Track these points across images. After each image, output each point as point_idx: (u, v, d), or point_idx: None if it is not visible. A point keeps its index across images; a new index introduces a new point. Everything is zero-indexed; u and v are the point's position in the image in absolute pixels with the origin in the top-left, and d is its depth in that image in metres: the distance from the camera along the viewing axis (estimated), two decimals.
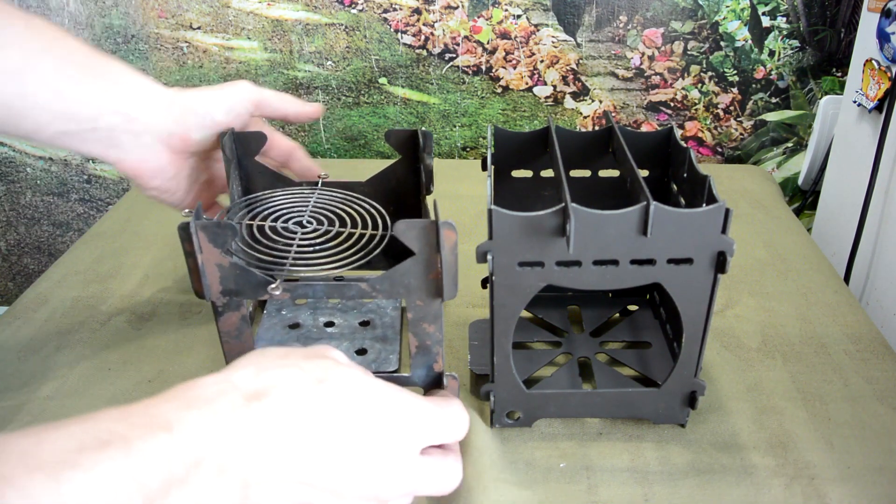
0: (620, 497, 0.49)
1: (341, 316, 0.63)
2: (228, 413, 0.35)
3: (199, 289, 0.48)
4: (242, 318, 0.50)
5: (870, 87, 0.87)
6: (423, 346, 0.51)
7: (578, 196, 0.48)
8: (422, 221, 0.45)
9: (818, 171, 1.08)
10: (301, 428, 0.36)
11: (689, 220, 0.45)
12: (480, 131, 1.13)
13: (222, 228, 0.45)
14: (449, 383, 0.53)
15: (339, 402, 0.39)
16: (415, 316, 0.49)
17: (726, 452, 0.53)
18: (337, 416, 0.38)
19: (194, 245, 0.45)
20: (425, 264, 0.47)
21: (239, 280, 0.48)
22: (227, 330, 0.50)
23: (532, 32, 1.05)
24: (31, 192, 1.22)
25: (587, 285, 0.48)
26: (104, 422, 0.32)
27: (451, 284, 0.48)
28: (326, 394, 0.38)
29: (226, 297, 0.49)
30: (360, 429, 0.38)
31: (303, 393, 0.38)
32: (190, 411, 0.34)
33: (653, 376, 0.58)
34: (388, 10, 1.05)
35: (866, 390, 0.59)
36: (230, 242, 0.47)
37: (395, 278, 0.47)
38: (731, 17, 1.02)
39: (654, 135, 0.60)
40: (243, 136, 0.60)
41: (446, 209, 0.48)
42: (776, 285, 0.74)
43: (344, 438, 0.38)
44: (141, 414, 0.33)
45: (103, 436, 0.31)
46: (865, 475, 0.51)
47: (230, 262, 0.47)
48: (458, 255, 0.47)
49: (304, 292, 0.48)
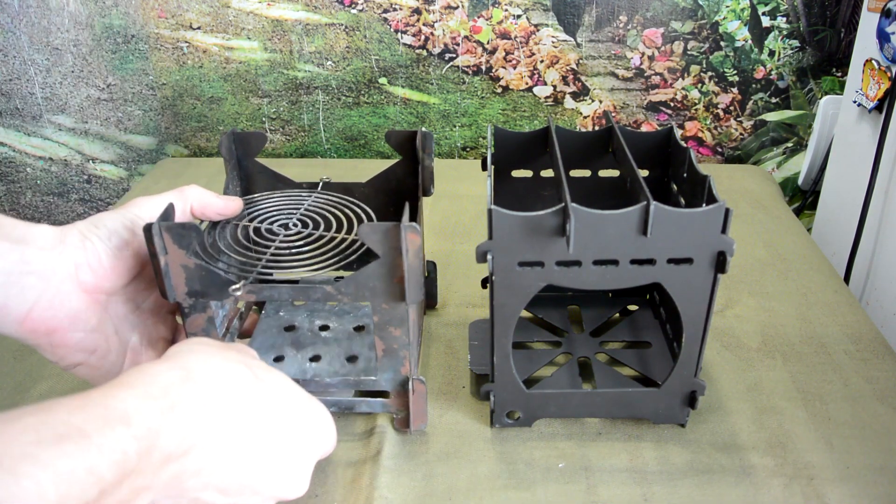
0: (619, 497, 0.49)
1: (337, 320, 0.63)
2: (185, 404, 0.36)
3: (164, 290, 0.47)
4: (209, 319, 0.50)
5: (870, 87, 0.87)
6: (389, 350, 0.51)
7: (578, 196, 0.48)
8: (385, 224, 0.45)
9: (818, 171, 1.08)
10: (245, 421, 0.39)
11: (689, 220, 0.45)
12: (480, 131, 1.13)
13: (187, 230, 0.45)
14: (416, 387, 0.53)
15: (274, 399, 0.42)
16: (380, 319, 0.50)
17: (726, 452, 0.53)
18: (271, 412, 0.41)
19: (157, 247, 0.45)
20: (389, 267, 0.47)
21: (204, 281, 0.47)
22: (193, 331, 0.50)
23: (532, 32, 1.05)
24: (31, 192, 1.22)
25: (587, 285, 0.48)
26: (61, 413, 0.31)
27: (414, 288, 0.48)
28: (266, 390, 0.42)
29: (192, 299, 0.48)
30: (287, 425, 0.42)
31: (249, 387, 0.41)
32: (147, 402, 0.34)
33: (653, 376, 0.58)
34: (388, 10, 1.05)
35: (866, 390, 0.59)
36: (195, 244, 0.46)
37: (359, 281, 0.47)
38: (731, 17, 1.02)
39: (654, 135, 0.60)
40: (243, 136, 0.60)
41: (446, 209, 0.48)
42: (776, 285, 0.74)
43: (276, 434, 0.41)
44: (98, 404, 0.33)
45: (60, 429, 0.30)
46: (865, 475, 0.51)
47: (195, 264, 0.47)
48: (422, 259, 0.47)
49: (269, 294, 0.48)
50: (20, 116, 1.15)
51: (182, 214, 0.51)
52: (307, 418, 0.44)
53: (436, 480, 0.51)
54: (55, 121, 1.15)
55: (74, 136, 1.17)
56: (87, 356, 0.47)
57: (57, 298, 0.44)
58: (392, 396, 0.54)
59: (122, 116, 1.14)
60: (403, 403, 0.54)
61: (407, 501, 0.49)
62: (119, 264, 0.47)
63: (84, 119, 1.15)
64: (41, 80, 1.12)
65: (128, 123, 1.15)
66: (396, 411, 0.55)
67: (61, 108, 1.14)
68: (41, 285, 0.43)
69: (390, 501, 0.49)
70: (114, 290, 0.47)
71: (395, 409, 0.55)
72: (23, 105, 1.14)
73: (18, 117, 1.15)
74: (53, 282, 0.44)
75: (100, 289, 0.46)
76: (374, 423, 0.56)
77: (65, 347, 0.46)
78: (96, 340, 0.47)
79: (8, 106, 1.14)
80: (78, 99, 1.13)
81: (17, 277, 0.43)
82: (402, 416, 0.55)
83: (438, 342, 0.65)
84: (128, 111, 1.14)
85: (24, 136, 1.17)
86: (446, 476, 0.51)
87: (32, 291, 0.43)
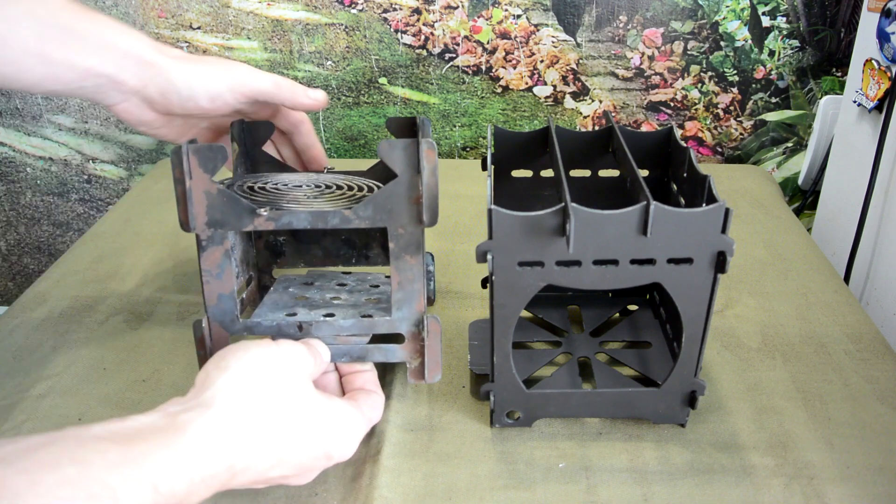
0: (619, 497, 0.49)
1: (348, 295, 0.62)
2: (215, 456, 0.39)
3: (184, 219, 0.48)
4: (225, 252, 0.50)
5: (870, 86, 0.87)
6: (405, 282, 0.51)
7: (578, 196, 0.48)
8: (404, 140, 0.45)
9: (818, 171, 1.08)
10: (279, 429, 0.43)
11: (689, 220, 0.45)
12: (480, 131, 1.13)
13: (213, 151, 0.45)
14: (431, 327, 0.52)
15: (307, 405, 0.45)
16: (397, 246, 0.49)
17: (726, 452, 0.53)
18: (303, 418, 0.45)
19: (184, 170, 0.45)
20: (407, 185, 0.47)
21: (225, 209, 0.48)
22: (208, 268, 0.50)
23: (532, 32, 1.05)
24: (31, 192, 1.22)
25: (587, 285, 0.48)
26: (99, 468, 0.33)
27: (431, 209, 0.48)
28: (298, 400, 0.45)
29: (210, 229, 0.49)
30: (316, 427, 0.45)
31: (280, 404, 0.44)
32: (181, 470, 0.37)
33: (653, 376, 0.58)
34: (388, 10, 1.05)
35: (866, 390, 0.59)
36: (220, 166, 0.47)
37: (378, 202, 0.48)
38: (731, 17, 1.02)
39: (654, 135, 0.60)
40: (251, 126, 0.60)
41: (446, 209, 0.48)
42: (776, 285, 0.74)
43: (305, 431, 0.44)
44: (136, 466, 0.34)
45: (95, 488, 0.32)
46: (865, 475, 0.51)
47: (218, 189, 0.47)
48: (438, 178, 0.47)
49: (289, 221, 0.48)
50: (20, 116, 1.15)
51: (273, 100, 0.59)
52: (336, 420, 0.47)
53: (436, 480, 0.51)
54: (55, 121, 1.15)
55: (74, 136, 1.17)
56: (151, 131, 0.59)
57: (134, 108, 0.56)
58: (407, 340, 0.53)
59: None
60: (419, 348, 0.53)
61: (407, 501, 0.49)
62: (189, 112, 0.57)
63: (84, 119, 1.15)
64: None
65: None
66: (411, 358, 0.54)
67: (61, 107, 1.14)
68: (123, 97, 0.55)
69: (390, 501, 0.49)
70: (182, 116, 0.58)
71: (410, 356, 0.54)
72: (23, 105, 1.14)
73: (18, 117, 1.15)
74: (134, 101, 0.56)
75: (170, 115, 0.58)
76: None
77: (134, 127, 0.58)
78: (162, 131, 0.59)
79: (8, 106, 1.14)
80: (78, 99, 1.13)
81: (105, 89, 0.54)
82: (417, 364, 0.54)
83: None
84: None
85: (24, 136, 1.17)
86: (446, 476, 0.51)
87: (117, 99, 0.55)
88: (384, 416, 0.56)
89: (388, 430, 0.55)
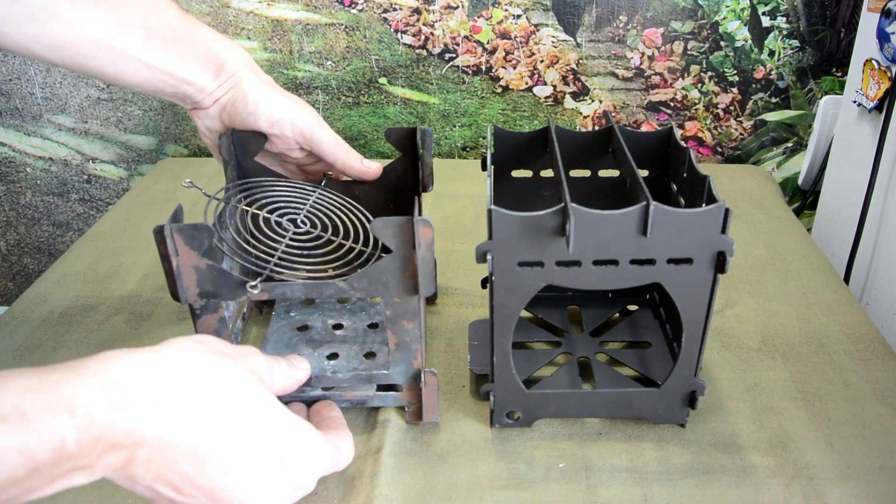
0: (619, 497, 0.49)
1: (350, 318, 0.63)
2: (138, 399, 0.36)
3: (175, 292, 0.47)
4: (220, 320, 0.50)
5: (870, 87, 0.87)
6: (401, 344, 0.51)
7: (578, 196, 0.48)
8: (398, 219, 0.45)
9: (818, 171, 1.08)
10: (208, 428, 0.38)
11: (689, 220, 0.45)
12: (480, 131, 1.13)
13: (199, 231, 0.45)
14: (428, 380, 0.53)
15: (253, 414, 0.41)
16: (393, 313, 0.50)
17: (726, 452, 0.53)
18: (244, 426, 0.40)
19: (169, 248, 0.45)
20: (402, 261, 0.47)
21: (216, 282, 0.47)
22: (204, 332, 0.50)
23: (532, 32, 1.05)
24: (31, 192, 1.22)
25: (587, 285, 0.48)
26: (11, 392, 0.32)
27: (427, 281, 0.48)
28: (245, 405, 0.41)
29: (203, 300, 0.48)
30: (262, 442, 0.41)
31: (223, 397, 0.40)
32: (98, 393, 0.35)
33: (653, 376, 0.58)
34: (388, 10, 1.05)
35: (866, 390, 0.59)
36: (206, 244, 0.46)
37: (372, 276, 0.48)
38: (731, 17, 1.02)
39: (654, 135, 0.60)
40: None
41: (446, 209, 0.48)
42: (776, 285, 0.74)
43: (245, 447, 0.40)
44: (49, 389, 0.33)
45: (4, 409, 0.31)
46: (865, 475, 0.51)
47: (207, 265, 0.47)
48: (434, 252, 0.47)
49: (282, 292, 0.48)
50: (20, 116, 1.15)
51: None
52: (290, 439, 0.43)
53: (436, 479, 0.51)
54: (55, 121, 1.15)
55: (74, 136, 1.17)
56: (216, 143, 0.61)
57: (203, 114, 0.59)
58: (404, 389, 0.54)
59: (121, 116, 1.14)
60: (416, 396, 0.54)
61: (407, 500, 0.49)
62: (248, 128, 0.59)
63: (84, 119, 1.15)
64: (41, 80, 1.12)
65: (128, 123, 1.15)
66: (408, 404, 0.55)
67: (61, 107, 1.14)
68: (201, 103, 0.58)
69: (390, 499, 0.49)
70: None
71: (407, 402, 0.55)
72: (23, 105, 1.14)
73: (18, 117, 1.15)
74: (212, 111, 0.59)
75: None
76: (375, 420, 0.56)
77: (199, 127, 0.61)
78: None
79: (8, 106, 1.14)
80: (78, 99, 1.13)
81: (191, 94, 0.58)
82: (415, 408, 0.55)
83: (438, 342, 0.65)
84: (128, 111, 1.14)
85: (24, 136, 1.17)
86: (446, 475, 0.51)
87: (196, 103, 0.59)
88: (385, 415, 0.56)
89: (388, 429, 0.55)
